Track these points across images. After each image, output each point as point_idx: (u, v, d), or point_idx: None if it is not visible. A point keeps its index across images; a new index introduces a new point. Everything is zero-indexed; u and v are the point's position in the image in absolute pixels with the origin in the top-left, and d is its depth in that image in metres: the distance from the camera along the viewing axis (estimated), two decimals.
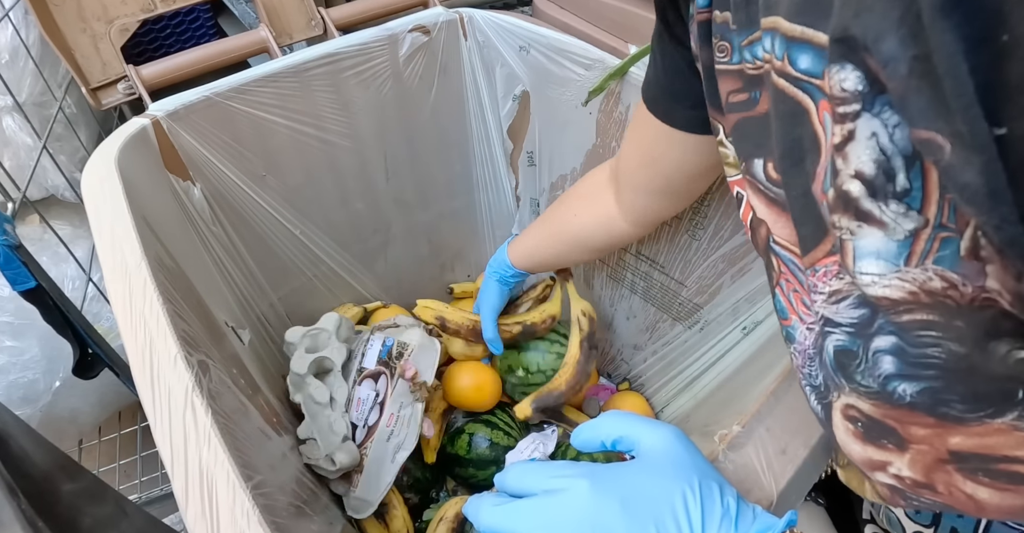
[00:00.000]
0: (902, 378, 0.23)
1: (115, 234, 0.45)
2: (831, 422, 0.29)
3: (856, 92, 0.19)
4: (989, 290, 0.19)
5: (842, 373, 0.26)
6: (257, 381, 0.62)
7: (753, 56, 0.27)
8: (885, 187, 0.20)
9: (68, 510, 0.43)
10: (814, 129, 0.22)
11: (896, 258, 0.20)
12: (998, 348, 0.20)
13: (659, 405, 0.83)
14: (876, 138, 0.19)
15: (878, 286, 0.21)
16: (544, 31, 0.72)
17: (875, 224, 0.20)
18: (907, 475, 0.26)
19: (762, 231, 0.30)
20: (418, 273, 0.96)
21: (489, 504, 0.34)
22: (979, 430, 0.22)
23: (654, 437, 0.34)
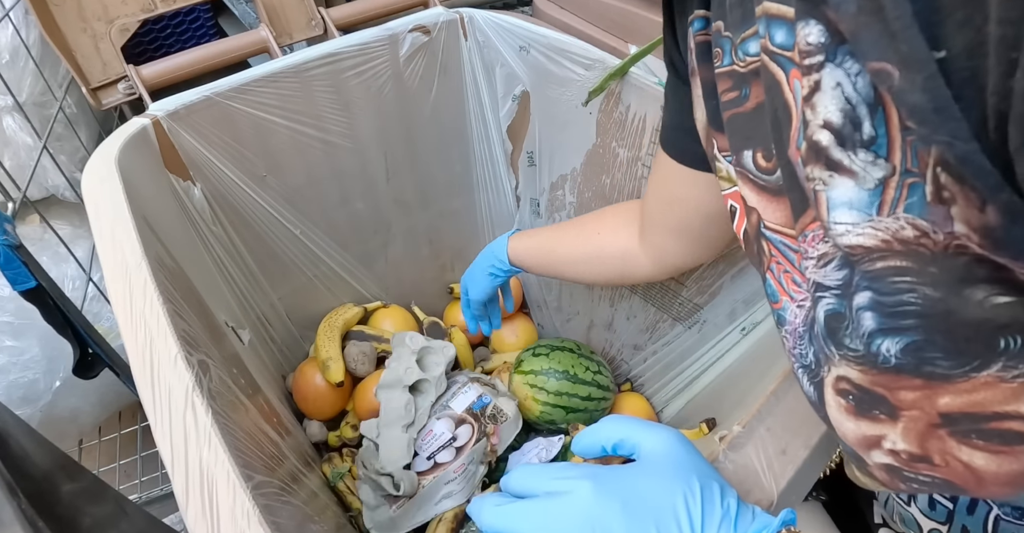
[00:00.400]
0: (883, 334, 0.23)
1: (115, 234, 0.45)
2: (823, 402, 0.30)
3: (819, 44, 0.20)
4: (958, 236, 0.19)
5: (832, 339, 0.26)
6: (257, 381, 0.62)
7: (744, 53, 0.29)
8: (852, 136, 0.21)
9: (68, 510, 0.43)
10: (785, 98, 0.24)
11: (868, 207, 0.21)
12: (974, 294, 0.20)
13: (659, 405, 0.83)
14: (841, 88, 0.20)
15: (851, 235, 0.22)
16: (544, 31, 0.72)
17: (845, 173, 0.21)
18: (902, 448, 0.26)
19: (753, 219, 0.31)
20: (418, 273, 0.96)
21: (492, 504, 0.35)
22: (966, 386, 0.23)
23: (655, 440, 0.35)
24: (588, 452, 0.38)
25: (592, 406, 0.76)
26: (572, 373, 0.76)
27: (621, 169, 0.73)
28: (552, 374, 0.76)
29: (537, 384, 0.76)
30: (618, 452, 0.37)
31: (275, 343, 0.82)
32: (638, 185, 0.72)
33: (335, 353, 0.79)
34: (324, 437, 0.80)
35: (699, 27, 0.35)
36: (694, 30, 0.36)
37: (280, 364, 0.84)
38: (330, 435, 0.80)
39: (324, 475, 0.73)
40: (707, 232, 0.53)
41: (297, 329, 0.86)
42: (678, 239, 0.54)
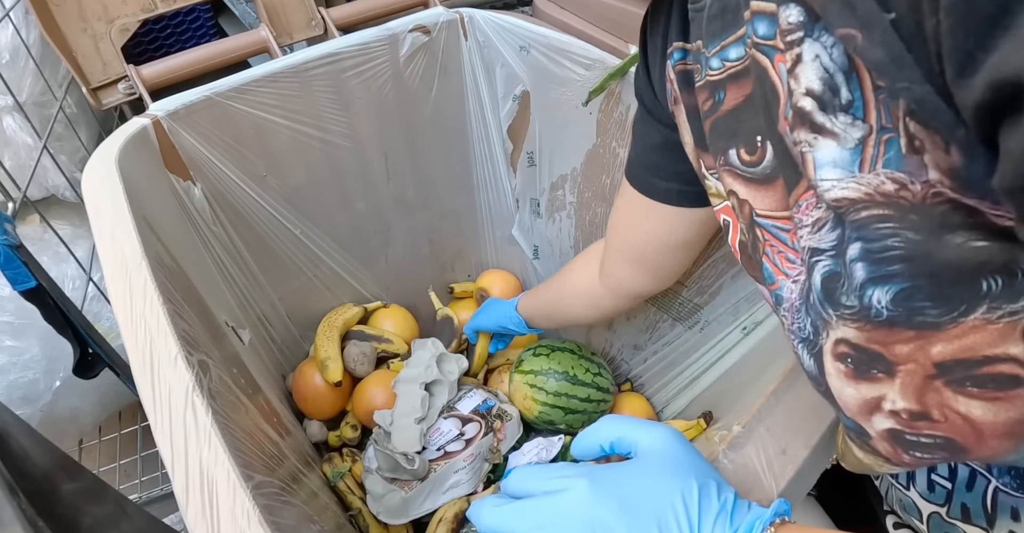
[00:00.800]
0: (873, 283, 0.25)
1: (115, 234, 0.45)
2: (823, 372, 0.30)
3: (799, 22, 0.24)
4: (933, 183, 0.22)
5: (829, 301, 0.27)
6: (257, 381, 0.62)
7: (722, 60, 0.32)
8: (832, 101, 0.23)
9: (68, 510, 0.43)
10: (772, 81, 0.27)
11: (850, 165, 0.24)
12: (953, 239, 0.22)
13: (659, 405, 0.83)
14: (819, 59, 0.23)
15: (836, 189, 0.24)
16: (544, 31, 0.72)
17: (828, 135, 0.24)
18: (902, 406, 0.27)
19: (746, 211, 0.33)
20: (418, 273, 0.96)
21: (490, 505, 0.35)
22: (956, 332, 0.24)
23: (652, 437, 0.35)
24: (587, 453, 0.38)
25: (591, 407, 0.76)
26: (572, 374, 0.76)
27: (621, 169, 0.73)
28: (552, 374, 0.76)
29: (536, 384, 0.76)
30: (616, 451, 0.37)
31: (275, 343, 0.82)
32: None
33: (334, 353, 0.79)
34: (324, 437, 0.80)
35: (678, 58, 0.39)
36: (673, 62, 0.39)
37: (280, 364, 0.84)
38: (330, 435, 0.80)
39: (324, 475, 0.73)
40: (661, 261, 0.57)
41: (297, 329, 0.86)
42: (632, 266, 0.58)
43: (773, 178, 0.30)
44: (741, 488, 0.37)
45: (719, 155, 0.33)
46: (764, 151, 0.30)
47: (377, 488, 0.67)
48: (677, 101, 0.41)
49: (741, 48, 0.30)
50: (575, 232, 0.86)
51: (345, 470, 0.73)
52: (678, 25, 0.39)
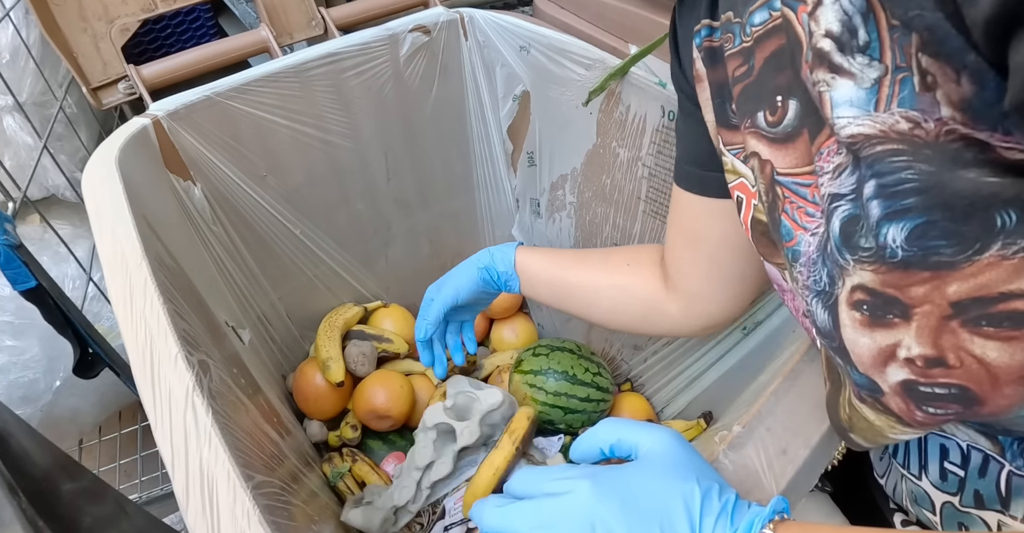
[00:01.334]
0: (888, 219, 0.25)
1: (116, 234, 0.45)
2: (838, 324, 0.30)
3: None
4: (946, 120, 0.22)
5: (847, 245, 0.28)
6: (257, 381, 0.62)
7: (751, 25, 0.32)
8: (850, 42, 0.24)
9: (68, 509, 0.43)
10: (797, 32, 0.28)
11: (866, 104, 0.24)
12: (966, 175, 0.22)
13: (659, 405, 0.83)
14: (839, 1, 0.24)
15: (852, 126, 0.25)
16: (544, 31, 0.72)
17: (846, 75, 0.25)
18: (917, 352, 0.27)
19: (767, 171, 0.33)
20: (418, 273, 0.96)
21: (492, 505, 0.35)
22: (971, 270, 0.24)
23: (652, 439, 0.35)
24: (587, 456, 0.38)
25: (591, 407, 0.76)
26: (571, 374, 0.76)
27: (621, 169, 0.73)
28: (551, 374, 0.76)
29: (536, 384, 0.76)
30: (616, 453, 0.37)
31: (275, 343, 0.82)
32: (638, 185, 0.72)
33: (335, 353, 0.79)
34: (324, 437, 0.80)
35: (705, 35, 0.39)
36: (699, 40, 0.40)
37: (280, 364, 0.84)
38: (330, 435, 0.80)
39: (324, 475, 0.73)
40: (738, 269, 0.50)
41: (297, 329, 0.86)
42: (708, 280, 0.51)
43: (795, 135, 0.31)
44: (741, 488, 0.37)
45: (746, 119, 0.34)
46: (785, 109, 0.31)
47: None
48: (700, 79, 0.41)
49: (765, 12, 0.31)
50: (575, 232, 0.86)
51: (345, 470, 0.73)
52: (708, 3, 0.39)
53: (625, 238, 0.79)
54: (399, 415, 0.78)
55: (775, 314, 0.62)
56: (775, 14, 0.30)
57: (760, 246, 0.39)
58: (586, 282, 0.58)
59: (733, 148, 0.39)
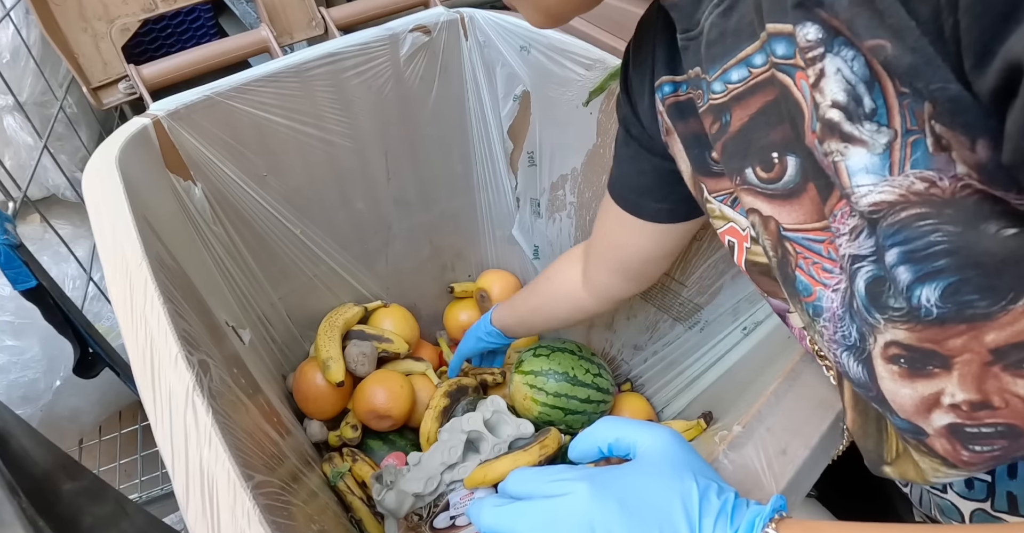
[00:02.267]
0: (920, 282, 0.25)
1: (116, 233, 0.45)
2: (875, 376, 0.31)
3: (818, 39, 0.25)
4: (961, 177, 0.23)
5: (876, 305, 0.28)
6: (258, 380, 0.62)
7: (724, 82, 0.32)
8: (857, 110, 0.25)
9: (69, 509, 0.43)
10: (796, 98, 0.27)
11: (881, 169, 0.25)
12: (988, 228, 0.23)
13: (659, 405, 0.83)
14: (841, 72, 0.24)
15: (873, 194, 0.25)
16: (545, 31, 0.72)
17: (857, 143, 0.25)
18: (962, 398, 0.27)
19: (772, 226, 0.33)
20: (419, 273, 0.96)
21: (490, 505, 0.35)
22: (1007, 319, 0.24)
23: (651, 439, 0.35)
24: (585, 455, 0.38)
25: (591, 408, 0.76)
26: (572, 375, 0.76)
27: None
28: (552, 375, 0.76)
29: (536, 384, 0.76)
30: (614, 452, 0.37)
31: (275, 343, 0.82)
32: None
33: (336, 353, 0.79)
34: (324, 437, 0.80)
35: (669, 91, 0.40)
36: (662, 95, 0.41)
37: (280, 364, 0.84)
38: (330, 435, 0.80)
39: (324, 475, 0.73)
40: (645, 270, 0.60)
41: (297, 329, 0.86)
42: (615, 276, 0.61)
43: (798, 192, 0.30)
44: (741, 488, 0.37)
45: (735, 175, 0.34)
46: (783, 166, 0.30)
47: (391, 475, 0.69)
48: (670, 132, 0.42)
49: (744, 69, 0.31)
50: (575, 232, 0.86)
51: (345, 470, 0.73)
52: (664, 59, 0.41)
53: None
54: (399, 415, 0.78)
55: (775, 314, 0.62)
56: (756, 71, 0.30)
57: (761, 285, 0.39)
58: (530, 308, 0.72)
59: (719, 194, 0.40)
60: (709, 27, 0.32)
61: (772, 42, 0.28)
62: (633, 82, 0.46)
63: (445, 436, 0.72)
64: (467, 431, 0.71)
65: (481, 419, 0.72)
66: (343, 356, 0.80)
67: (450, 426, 0.73)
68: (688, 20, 0.34)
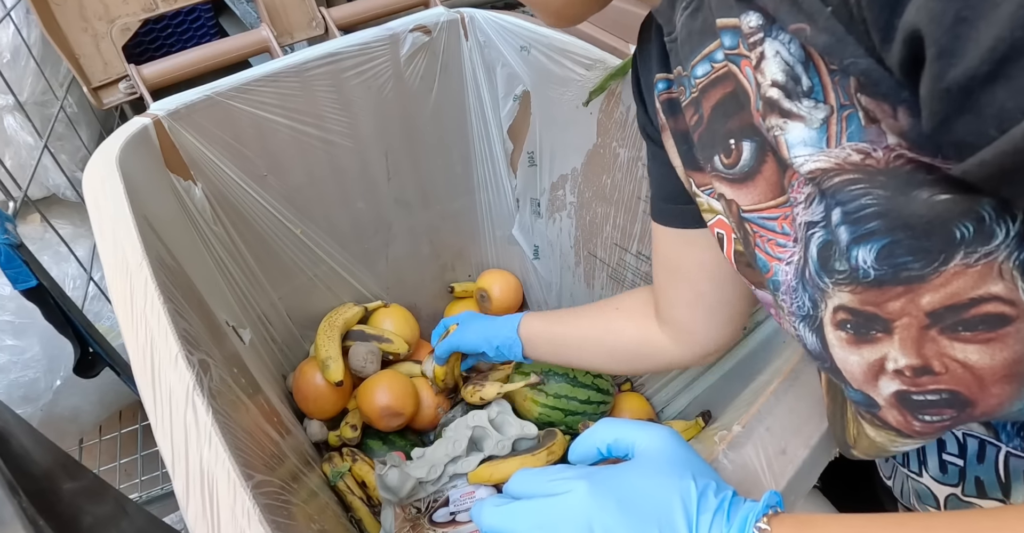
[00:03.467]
0: (856, 243, 0.27)
1: (116, 233, 0.45)
2: (826, 344, 0.32)
3: (758, 25, 0.27)
4: (893, 147, 0.25)
5: (825, 269, 0.29)
6: (258, 380, 0.62)
7: (693, 78, 0.34)
8: (795, 89, 0.27)
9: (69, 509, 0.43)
10: (742, 83, 0.30)
11: (818, 142, 0.27)
12: (920, 195, 0.24)
13: (659, 405, 0.83)
14: (779, 54, 0.27)
15: (809, 162, 0.27)
16: (545, 31, 0.72)
17: (796, 118, 0.27)
18: (904, 363, 0.28)
19: (734, 209, 0.35)
20: (419, 273, 0.96)
21: (491, 505, 0.36)
22: (940, 281, 0.25)
23: (649, 438, 0.35)
24: (585, 456, 0.38)
25: (591, 409, 0.76)
26: (572, 376, 0.76)
27: (622, 169, 0.73)
28: (552, 377, 0.76)
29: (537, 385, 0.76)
30: (613, 453, 0.37)
31: (276, 342, 0.82)
32: (638, 185, 0.72)
33: (335, 352, 0.79)
34: (324, 436, 0.80)
35: (663, 88, 0.42)
36: (658, 91, 0.42)
37: (280, 363, 0.84)
38: (330, 435, 0.80)
39: (324, 474, 0.74)
40: (719, 296, 0.51)
41: (298, 328, 0.86)
42: (691, 308, 0.52)
43: (753, 173, 0.32)
44: (741, 488, 0.37)
45: (707, 163, 0.36)
46: (739, 151, 0.32)
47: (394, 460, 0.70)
48: (664, 128, 0.43)
49: (707, 65, 0.33)
50: (575, 232, 0.86)
51: (345, 470, 0.73)
52: (659, 58, 0.42)
53: (625, 238, 0.79)
54: (410, 413, 0.78)
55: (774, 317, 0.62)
56: (716, 66, 0.32)
57: (747, 276, 0.40)
58: (581, 332, 0.61)
59: (705, 188, 0.41)
60: (680, 27, 0.35)
61: (722, 35, 0.30)
62: (644, 87, 0.47)
63: (450, 432, 0.72)
64: (472, 426, 0.71)
65: (487, 417, 0.73)
66: (348, 356, 0.80)
67: (455, 424, 0.73)
68: (668, 23, 0.37)
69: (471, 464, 0.69)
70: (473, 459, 0.70)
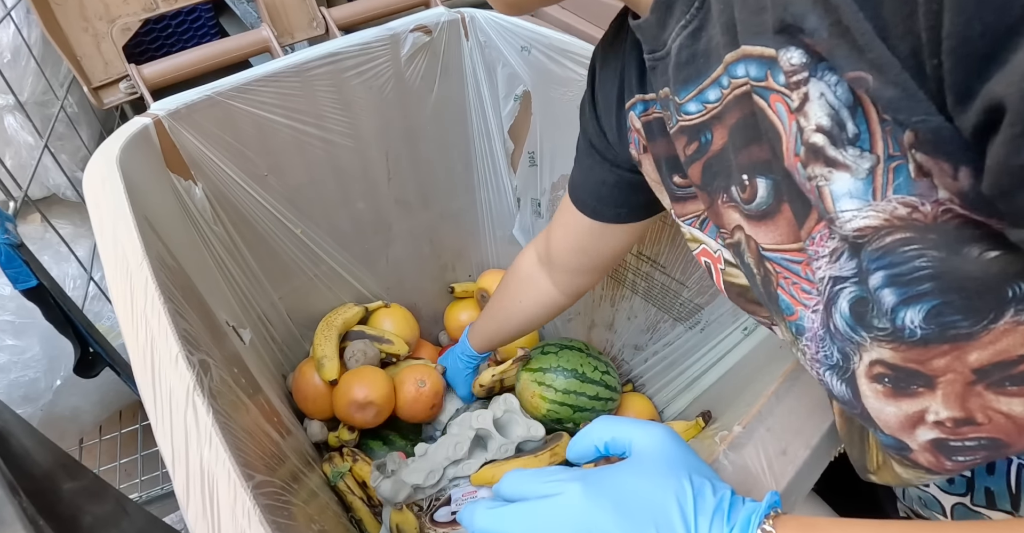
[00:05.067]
0: (904, 305, 0.25)
1: (117, 233, 0.45)
2: (859, 394, 0.31)
3: (802, 63, 0.24)
4: (943, 202, 0.23)
5: (860, 324, 0.28)
6: (258, 380, 0.62)
7: (702, 103, 0.32)
8: (840, 135, 0.25)
9: (69, 509, 0.43)
10: (771, 121, 0.27)
11: (864, 194, 0.25)
12: (971, 251, 0.23)
13: (660, 405, 0.83)
14: (824, 97, 0.24)
15: (858, 219, 0.25)
16: (545, 31, 0.72)
17: (841, 168, 0.25)
18: (946, 415, 0.28)
19: (752, 246, 0.33)
20: (419, 273, 0.96)
21: (483, 508, 0.35)
22: (989, 339, 0.25)
23: (646, 436, 0.35)
24: (583, 454, 0.38)
25: (600, 406, 0.76)
26: (581, 372, 0.76)
27: None
28: (561, 372, 0.76)
29: (545, 381, 0.76)
30: (610, 451, 0.37)
31: (276, 342, 0.82)
32: None
33: (330, 351, 0.79)
34: (324, 437, 0.80)
35: (641, 110, 0.40)
36: (637, 113, 0.41)
37: (281, 363, 0.84)
38: (330, 435, 0.80)
39: (324, 475, 0.73)
40: (615, 262, 0.62)
41: (298, 328, 0.86)
42: (589, 275, 0.64)
43: (772, 213, 0.31)
44: (741, 488, 0.37)
45: (720, 194, 0.34)
46: (754, 188, 0.31)
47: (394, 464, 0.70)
48: (646, 150, 0.42)
49: (717, 90, 0.31)
50: None
51: (345, 470, 0.73)
52: (635, 77, 0.41)
53: None
54: (382, 401, 0.76)
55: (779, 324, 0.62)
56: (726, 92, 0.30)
57: (741, 304, 0.40)
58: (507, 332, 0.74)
59: (687, 218, 0.40)
60: (678, 49, 0.32)
61: (746, 63, 0.28)
62: (599, 97, 0.47)
63: (455, 429, 0.71)
64: (476, 428, 0.71)
65: (491, 417, 0.72)
66: (339, 354, 0.80)
67: (460, 420, 0.72)
68: (654, 41, 0.34)
69: (472, 466, 0.69)
70: (475, 462, 0.69)
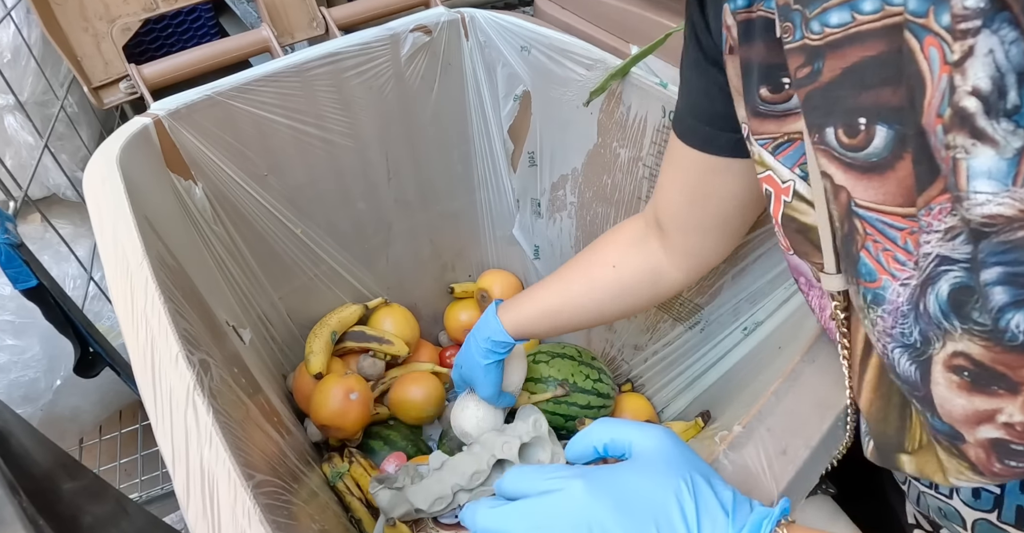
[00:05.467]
0: (1016, 307, 0.23)
1: (117, 233, 0.45)
2: (928, 379, 0.29)
3: (978, 9, 0.20)
4: None
5: (957, 314, 0.26)
6: (258, 380, 0.62)
7: (823, 25, 0.28)
8: (998, 104, 0.21)
9: (69, 508, 0.43)
10: (919, 67, 0.23)
11: (1005, 177, 0.21)
12: None
13: (660, 405, 0.83)
14: (993, 55, 0.20)
15: (992, 204, 0.22)
16: (545, 31, 0.72)
17: (988, 142, 0.21)
18: (1019, 420, 0.26)
19: (842, 198, 0.30)
20: (419, 273, 0.96)
21: (485, 506, 0.35)
22: None
23: (646, 438, 0.35)
24: (581, 456, 0.38)
25: (591, 414, 0.76)
26: (572, 382, 0.76)
27: (622, 169, 0.73)
28: (552, 382, 0.76)
29: (536, 392, 0.76)
30: (610, 453, 0.37)
31: (276, 342, 0.82)
32: (639, 185, 0.72)
33: (318, 347, 0.79)
34: (324, 437, 0.80)
35: (742, 5, 0.35)
36: (733, 8, 0.35)
37: (281, 363, 0.84)
38: None
39: (324, 474, 0.73)
40: (743, 218, 0.50)
41: (298, 328, 0.86)
42: (710, 236, 0.51)
43: (883, 167, 0.27)
44: (741, 489, 0.37)
45: (813, 132, 0.30)
46: (870, 135, 0.27)
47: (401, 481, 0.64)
48: (733, 51, 0.37)
49: (847, 13, 0.26)
50: (576, 232, 0.86)
51: (345, 470, 0.73)
52: None
53: None
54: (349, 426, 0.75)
55: (775, 314, 0.62)
56: (861, 18, 0.26)
57: (795, 244, 0.36)
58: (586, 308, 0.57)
59: (761, 138, 0.36)
60: None
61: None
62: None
63: (477, 448, 0.63)
64: (499, 457, 0.63)
65: (518, 446, 0.63)
66: (344, 357, 0.80)
67: (485, 441, 0.64)
68: None
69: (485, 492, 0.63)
70: (488, 488, 0.63)
